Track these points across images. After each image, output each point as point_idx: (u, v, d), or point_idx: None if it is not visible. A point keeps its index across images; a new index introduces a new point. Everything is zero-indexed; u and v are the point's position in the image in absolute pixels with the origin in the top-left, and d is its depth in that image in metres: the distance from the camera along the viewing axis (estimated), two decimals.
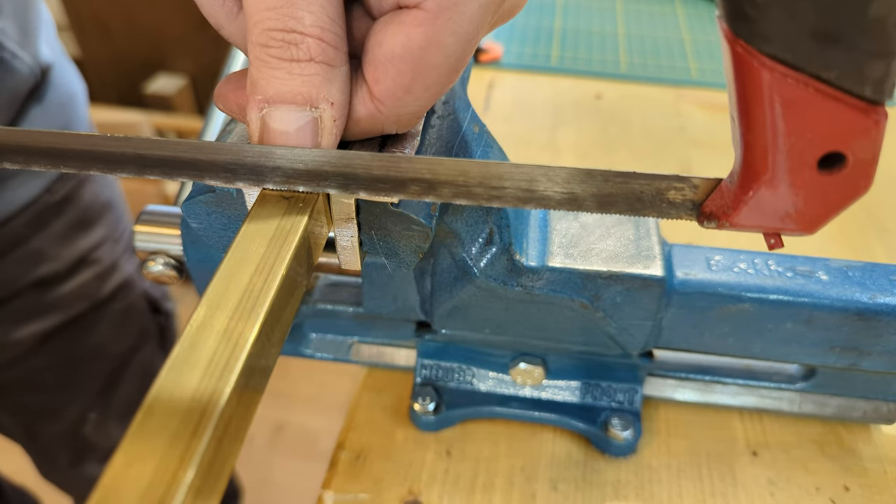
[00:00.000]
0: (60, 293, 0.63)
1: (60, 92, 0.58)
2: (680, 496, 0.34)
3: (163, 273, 0.34)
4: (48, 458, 0.76)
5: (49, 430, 0.71)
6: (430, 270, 0.33)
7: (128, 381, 0.72)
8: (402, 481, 0.35)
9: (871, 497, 0.34)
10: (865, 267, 0.32)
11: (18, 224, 0.57)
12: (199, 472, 0.16)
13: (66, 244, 0.62)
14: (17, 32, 0.51)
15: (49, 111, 0.56)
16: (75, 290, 0.64)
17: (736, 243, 0.48)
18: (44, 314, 0.63)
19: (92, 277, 0.65)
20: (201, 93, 1.82)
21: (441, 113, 0.29)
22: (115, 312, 0.68)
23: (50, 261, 0.61)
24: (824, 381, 0.35)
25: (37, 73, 0.54)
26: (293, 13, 0.20)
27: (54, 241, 0.60)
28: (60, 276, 0.62)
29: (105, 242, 0.65)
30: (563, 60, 0.69)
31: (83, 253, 0.63)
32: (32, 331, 0.62)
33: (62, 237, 0.61)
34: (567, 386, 0.37)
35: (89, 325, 0.66)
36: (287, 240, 0.22)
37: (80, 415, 0.70)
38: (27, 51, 0.52)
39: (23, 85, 0.52)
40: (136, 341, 0.72)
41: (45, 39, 0.56)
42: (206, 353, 0.18)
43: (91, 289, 0.65)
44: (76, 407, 0.70)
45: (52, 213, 0.60)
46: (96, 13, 1.72)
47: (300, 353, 0.39)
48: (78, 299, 0.64)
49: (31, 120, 0.54)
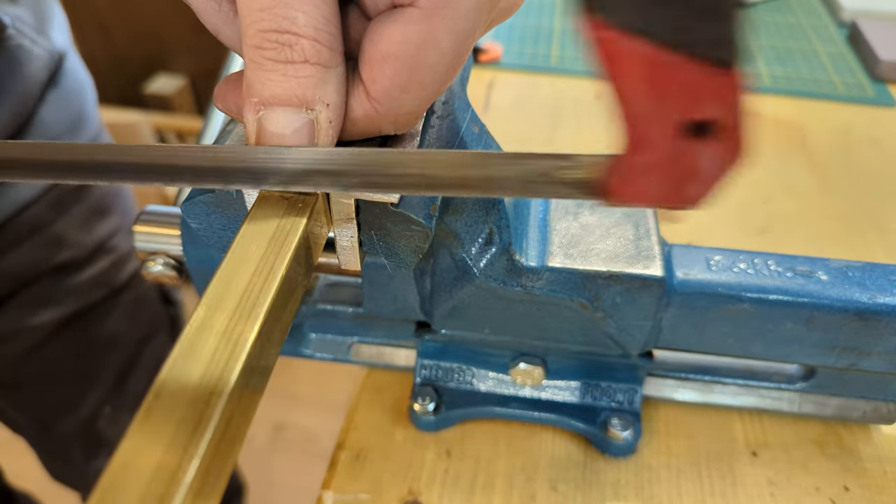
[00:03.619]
0: (79, 280, 0.63)
1: (73, 80, 0.58)
2: (680, 496, 0.34)
3: (162, 273, 0.34)
4: (62, 454, 0.75)
5: (64, 425, 0.71)
6: (430, 270, 0.33)
7: (140, 373, 0.72)
8: (401, 481, 0.35)
9: (871, 497, 0.34)
10: (865, 267, 0.32)
11: (41, 207, 0.57)
12: (199, 473, 0.16)
13: (86, 230, 0.62)
14: (33, 20, 0.52)
15: (65, 97, 0.57)
16: (94, 278, 0.64)
17: (735, 243, 0.48)
18: (61, 301, 0.63)
19: (109, 265, 0.65)
20: (201, 93, 1.82)
21: (440, 113, 0.29)
22: (129, 301, 0.69)
23: (71, 246, 0.61)
24: (824, 381, 0.35)
25: (56, 58, 0.55)
26: (286, 13, 0.20)
27: (75, 226, 0.61)
28: (80, 262, 0.62)
29: (120, 230, 0.66)
30: (563, 60, 0.69)
31: (101, 240, 0.64)
32: (50, 317, 0.62)
33: (82, 223, 0.61)
34: (567, 386, 0.37)
35: (104, 314, 0.67)
36: (287, 240, 0.22)
37: (95, 408, 0.70)
38: (43, 36, 0.53)
39: (43, 70, 0.53)
40: (148, 331, 0.72)
41: (58, 28, 0.57)
42: (205, 353, 0.18)
43: (108, 276, 0.65)
44: (91, 400, 0.70)
45: (72, 198, 0.60)
46: (96, 13, 1.72)
47: (300, 353, 0.39)
48: (95, 287, 0.65)
49: (49, 104, 0.55)
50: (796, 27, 0.76)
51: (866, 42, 0.69)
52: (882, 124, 0.61)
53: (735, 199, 0.52)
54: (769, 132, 0.59)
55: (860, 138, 0.59)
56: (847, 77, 0.67)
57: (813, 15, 0.78)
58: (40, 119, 0.54)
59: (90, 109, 0.62)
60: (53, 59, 0.54)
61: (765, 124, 0.60)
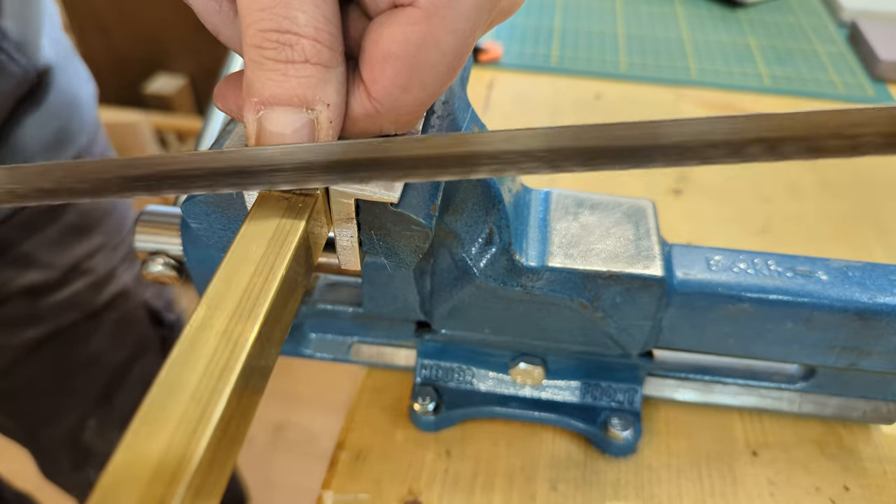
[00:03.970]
0: (52, 302, 0.61)
1: (59, 95, 0.56)
2: (680, 496, 0.34)
3: (162, 273, 0.34)
4: (51, 460, 0.75)
5: (49, 435, 0.70)
6: (430, 270, 0.33)
7: (128, 390, 0.71)
8: (401, 481, 0.35)
9: (871, 497, 0.34)
10: (865, 267, 0.32)
11: (8, 227, 0.55)
12: (199, 473, 0.16)
13: (60, 251, 0.60)
14: (17, 32, 0.50)
15: (47, 115, 0.54)
16: (68, 299, 0.62)
17: (735, 243, 0.48)
18: (35, 323, 0.61)
19: (85, 287, 0.63)
20: (201, 93, 1.82)
21: (440, 113, 0.29)
22: (111, 322, 0.66)
23: (42, 268, 0.59)
24: (824, 381, 0.35)
25: (32, 76, 0.52)
26: (287, 13, 0.20)
27: (47, 246, 0.58)
28: (52, 284, 0.60)
29: (102, 250, 0.63)
30: (563, 60, 0.69)
31: (77, 260, 0.61)
32: (24, 338, 0.61)
33: (55, 243, 0.59)
34: (567, 386, 0.37)
35: (83, 335, 0.65)
36: (287, 240, 0.22)
37: (78, 421, 0.69)
38: (25, 52, 0.51)
39: (16, 88, 0.51)
40: (134, 351, 0.70)
41: (48, 37, 0.54)
42: (206, 353, 0.18)
43: (84, 298, 0.63)
44: (74, 414, 0.69)
45: (47, 218, 0.58)
46: (96, 13, 1.72)
47: (300, 353, 0.39)
48: (70, 309, 0.62)
49: (24, 123, 0.53)
50: (796, 27, 0.76)
51: (866, 42, 0.69)
52: None
53: (735, 199, 0.52)
54: None
55: None
56: (847, 77, 0.67)
57: (813, 15, 0.78)
58: (13, 138, 0.52)
59: (81, 123, 0.59)
60: (29, 75, 0.52)
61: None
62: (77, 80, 0.59)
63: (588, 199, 0.34)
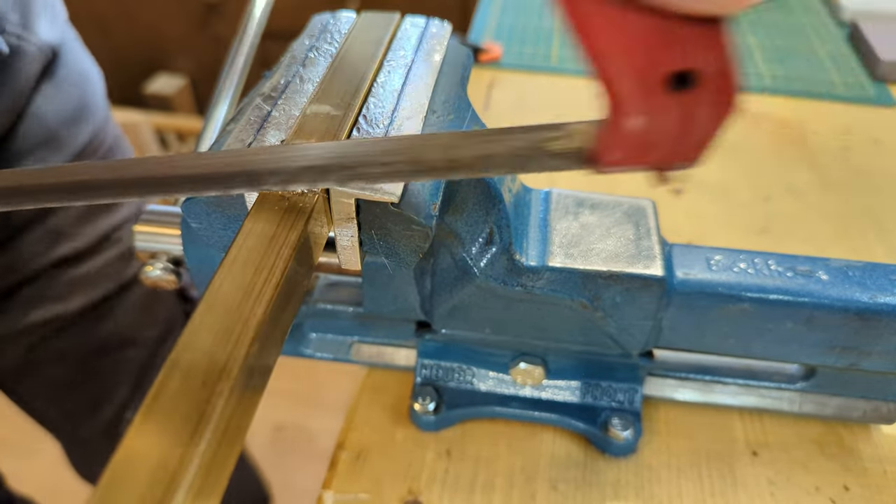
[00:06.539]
0: (84, 271, 0.61)
1: (73, 70, 0.58)
2: (680, 496, 0.34)
3: (160, 278, 0.34)
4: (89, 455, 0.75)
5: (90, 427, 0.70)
6: (430, 270, 0.33)
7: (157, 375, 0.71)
8: (402, 481, 0.35)
9: (871, 497, 0.34)
10: (865, 267, 0.32)
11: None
12: (199, 473, 0.16)
13: (88, 223, 0.61)
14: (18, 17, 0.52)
15: (63, 88, 0.56)
16: (100, 270, 0.62)
17: (735, 243, 0.48)
18: (68, 296, 0.61)
19: (115, 257, 0.63)
20: (201, 93, 1.82)
21: (440, 113, 0.29)
22: (140, 296, 0.67)
23: (70, 239, 0.60)
24: (824, 381, 0.35)
25: (48, 52, 0.54)
26: None
27: (73, 219, 0.59)
28: (82, 254, 0.61)
29: (129, 222, 0.64)
30: (563, 60, 0.69)
31: (105, 231, 0.62)
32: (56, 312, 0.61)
33: (82, 216, 0.60)
34: (567, 386, 0.37)
35: (114, 309, 0.65)
36: (287, 240, 0.22)
37: (116, 413, 0.70)
38: (31, 32, 0.53)
39: (34, 64, 0.53)
40: (164, 330, 0.71)
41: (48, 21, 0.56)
42: (206, 353, 0.18)
43: (114, 269, 0.64)
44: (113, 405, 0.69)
45: None
46: (96, 12, 1.72)
47: (300, 353, 0.39)
48: (103, 279, 0.63)
49: (45, 97, 0.54)
50: (796, 27, 0.76)
51: (866, 42, 0.69)
52: (882, 124, 0.61)
53: (735, 199, 0.52)
54: (769, 132, 0.59)
55: (860, 138, 0.59)
56: (847, 77, 0.67)
57: (813, 15, 0.78)
58: (36, 112, 0.54)
59: (95, 99, 0.61)
60: (45, 53, 0.54)
61: (765, 124, 0.60)
62: (86, 61, 0.61)
63: (588, 199, 0.34)
